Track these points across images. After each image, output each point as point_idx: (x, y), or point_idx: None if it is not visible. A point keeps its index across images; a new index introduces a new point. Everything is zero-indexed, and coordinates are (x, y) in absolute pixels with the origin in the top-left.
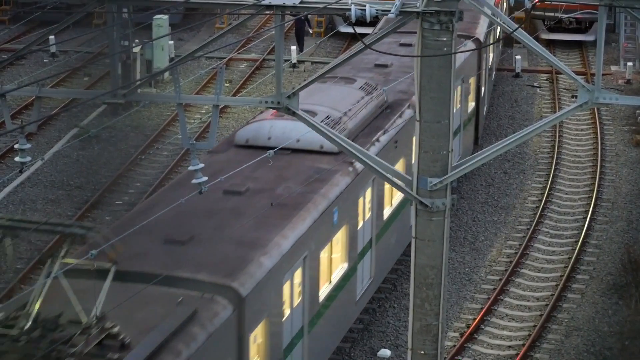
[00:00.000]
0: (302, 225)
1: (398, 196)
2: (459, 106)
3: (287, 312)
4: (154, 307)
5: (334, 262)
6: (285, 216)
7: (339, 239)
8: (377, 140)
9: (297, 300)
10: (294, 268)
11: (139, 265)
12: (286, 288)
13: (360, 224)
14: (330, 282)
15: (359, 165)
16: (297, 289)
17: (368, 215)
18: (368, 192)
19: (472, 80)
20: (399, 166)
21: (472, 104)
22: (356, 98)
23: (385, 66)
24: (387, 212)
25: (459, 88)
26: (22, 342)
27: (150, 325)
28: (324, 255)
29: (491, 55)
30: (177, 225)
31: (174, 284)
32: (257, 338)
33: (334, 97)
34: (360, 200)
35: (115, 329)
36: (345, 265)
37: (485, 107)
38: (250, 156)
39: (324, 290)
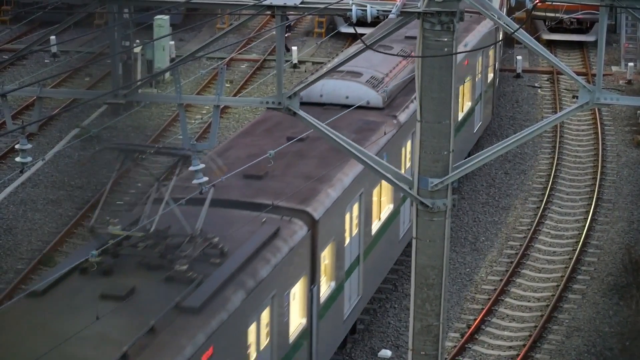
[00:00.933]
0: (358, 166)
1: None
2: (480, 75)
3: (347, 239)
4: (242, 226)
5: (382, 203)
6: (344, 157)
7: None
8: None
9: (355, 230)
10: (353, 202)
11: (226, 194)
12: (347, 218)
13: (403, 170)
14: (379, 219)
15: (402, 118)
16: (355, 221)
17: (408, 164)
18: (409, 143)
19: (491, 53)
20: None
21: (490, 75)
22: (394, 63)
23: (414, 37)
24: None
25: (479, 59)
26: (140, 247)
27: (242, 239)
28: (375, 194)
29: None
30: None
31: (257, 209)
32: (325, 258)
33: (375, 61)
34: (403, 149)
35: (216, 240)
36: (391, 206)
37: (497, 80)
38: (305, 111)
39: (375, 225)
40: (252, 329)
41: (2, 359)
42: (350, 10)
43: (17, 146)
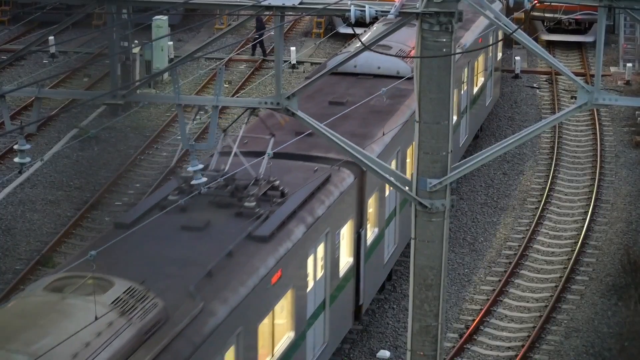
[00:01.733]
0: (395, 127)
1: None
2: (490, 54)
3: (387, 191)
4: (298, 174)
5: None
6: (382, 119)
7: None
8: None
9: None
10: (392, 157)
11: (283, 149)
12: None
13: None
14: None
15: None
16: None
17: None
18: None
19: (500, 33)
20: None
21: (499, 54)
22: None
23: None
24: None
25: (490, 38)
26: (212, 189)
27: (299, 184)
28: (409, 152)
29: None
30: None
31: (310, 160)
32: (370, 205)
33: (403, 36)
34: None
35: (277, 182)
36: None
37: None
38: (340, 80)
39: None
40: (310, 259)
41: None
42: (349, 10)
43: (15, 147)
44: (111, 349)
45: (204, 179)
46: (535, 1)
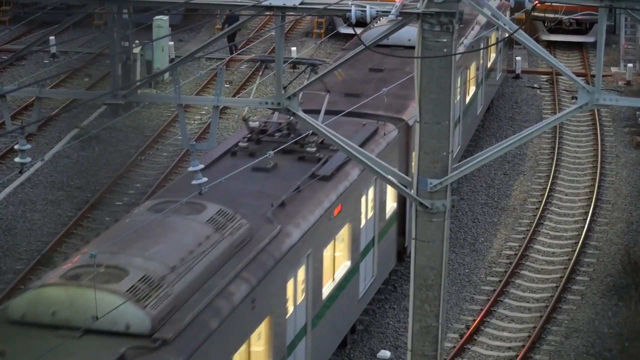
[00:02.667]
0: None
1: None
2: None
3: None
4: (350, 127)
5: None
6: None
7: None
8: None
9: None
10: None
11: (334, 106)
12: None
13: (457, 98)
14: None
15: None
16: None
17: (456, 98)
18: (467, 72)
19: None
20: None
21: (505, 33)
22: None
23: None
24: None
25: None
26: (276, 136)
27: (351, 135)
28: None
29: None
30: (347, 86)
31: (359, 117)
32: (413, 158)
33: None
34: (459, 79)
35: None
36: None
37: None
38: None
39: None
40: (363, 199)
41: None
42: (350, 10)
43: (16, 146)
44: (210, 257)
45: (205, 179)
46: (536, 1)
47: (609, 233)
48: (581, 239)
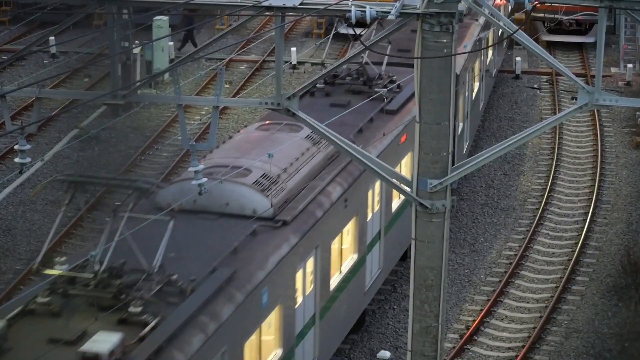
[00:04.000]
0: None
1: None
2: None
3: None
4: (408, 72)
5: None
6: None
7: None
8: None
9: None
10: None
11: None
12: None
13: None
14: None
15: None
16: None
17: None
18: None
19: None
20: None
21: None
22: None
23: None
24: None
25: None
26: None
27: (410, 80)
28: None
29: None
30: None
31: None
32: (460, 104)
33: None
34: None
35: (395, 77)
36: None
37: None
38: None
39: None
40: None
41: None
42: (349, 11)
43: (16, 147)
44: (312, 162)
45: (204, 179)
46: (536, 2)
47: (609, 233)
48: (581, 240)
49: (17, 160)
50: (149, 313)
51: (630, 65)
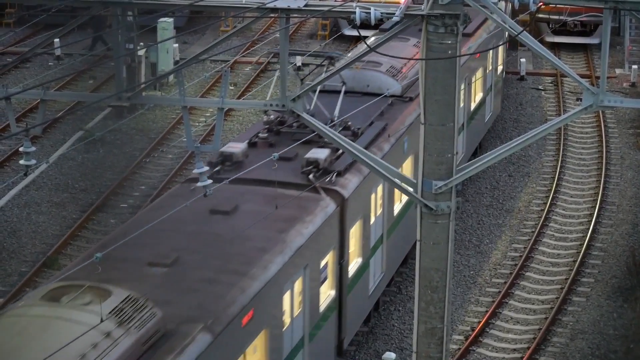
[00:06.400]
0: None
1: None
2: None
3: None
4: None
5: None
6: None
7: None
8: None
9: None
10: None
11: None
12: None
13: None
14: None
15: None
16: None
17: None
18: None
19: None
20: None
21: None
22: None
23: None
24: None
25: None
26: None
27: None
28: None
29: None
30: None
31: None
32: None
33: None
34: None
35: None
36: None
37: None
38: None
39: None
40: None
41: None
42: (354, 12)
43: (21, 149)
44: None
45: (210, 181)
46: (541, 3)
47: (614, 235)
48: (586, 241)
49: (22, 162)
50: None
51: (635, 67)
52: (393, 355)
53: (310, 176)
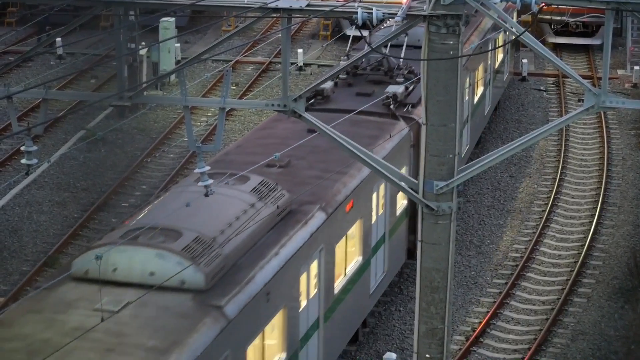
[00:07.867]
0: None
1: None
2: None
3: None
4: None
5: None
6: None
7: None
8: None
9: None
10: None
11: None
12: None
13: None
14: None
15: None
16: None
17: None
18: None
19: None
20: None
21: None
22: None
23: None
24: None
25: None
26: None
27: None
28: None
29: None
30: None
31: None
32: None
33: None
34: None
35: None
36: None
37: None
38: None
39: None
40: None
41: None
42: (356, 12)
43: (22, 148)
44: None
45: (211, 181)
46: (543, 4)
47: (615, 236)
48: (587, 242)
49: (23, 161)
50: None
51: (637, 67)
52: (394, 355)
53: (391, 106)
